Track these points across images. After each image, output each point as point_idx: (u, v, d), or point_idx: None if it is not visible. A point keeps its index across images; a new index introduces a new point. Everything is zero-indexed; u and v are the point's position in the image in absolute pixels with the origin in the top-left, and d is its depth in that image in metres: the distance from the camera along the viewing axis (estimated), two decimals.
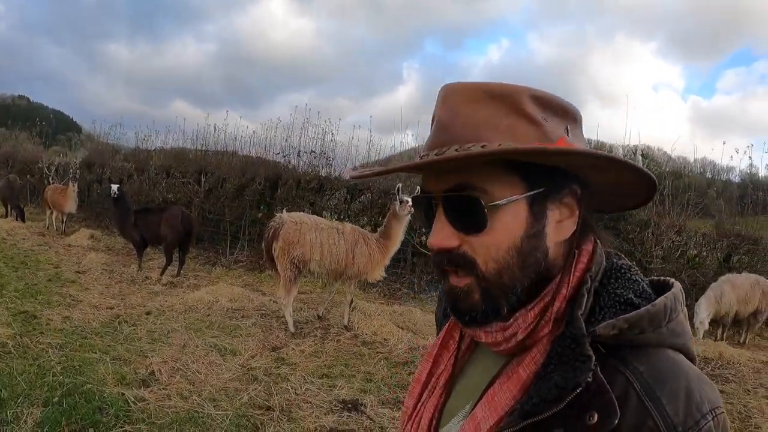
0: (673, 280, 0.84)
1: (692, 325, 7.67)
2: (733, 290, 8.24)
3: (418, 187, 1.13)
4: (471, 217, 0.79)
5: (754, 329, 8.94)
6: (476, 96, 0.79)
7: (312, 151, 12.62)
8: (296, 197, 11.65)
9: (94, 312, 7.04)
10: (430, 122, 0.85)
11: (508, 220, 0.78)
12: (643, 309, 0.75)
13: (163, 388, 4.81)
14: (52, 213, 14.00)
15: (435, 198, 0.82)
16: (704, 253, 10.30)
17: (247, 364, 5.65)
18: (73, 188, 13.18)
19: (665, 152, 16.55)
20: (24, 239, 12.17)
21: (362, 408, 4.81)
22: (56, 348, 5.54)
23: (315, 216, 7.73)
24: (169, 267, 9.77)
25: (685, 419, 0.69)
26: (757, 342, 9.13)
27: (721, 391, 5.81)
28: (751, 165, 13.79)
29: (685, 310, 0.81)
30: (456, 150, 0.75)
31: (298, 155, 12.52)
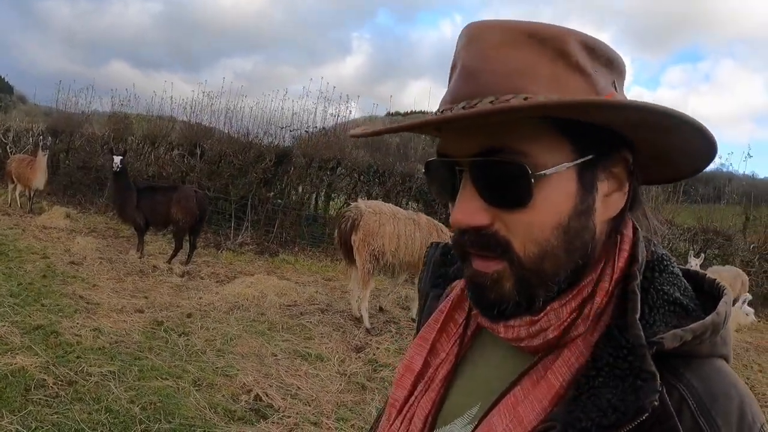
0: (704, 273, 0.74)
1: None
2: (721, 281, 9.42)
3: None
4: (511, 189, 0.64)
5: None
6: (513, 37, 0.65)
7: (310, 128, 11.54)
8: (309, 176, 10.62)
9: (123, 318, 5.82)
10: (450, 71, 0.70)
11: (555, 192, 0.65)
12: (708, 320, 0.64)
13: (283, 417, 4.05)
14: (15, 187, 12.13)
15: (460, 164, 0.67)
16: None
17: (344, 371, 5.15)
18: (43, 159, 11.38)
19: None
20: None
21: None
22: (113, 378, 4.39)
23: (391, 205, 7.14)
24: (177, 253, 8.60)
25: None
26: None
27: None
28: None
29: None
30: (491, 102, 0.62)
31: (307, 131, 11.37)
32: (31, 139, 14.24)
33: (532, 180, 0.63)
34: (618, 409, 0.60)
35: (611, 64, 0.69)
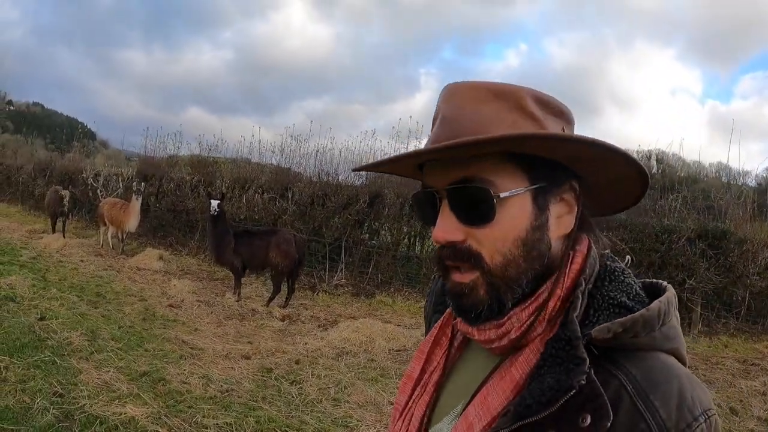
0: (665, 283, 0.84)
1: None
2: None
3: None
4: (478, 209, 0.79)
5: None
6: (481, 94, 0.81)
7: None
8: (403, 216, 10.39)
9: (231, 365, 5.50)
10: (432, 122, 0.86)
11: (514, 211, 0.79)
12: (637, 313, 0.74)
13: None
14: (107, 230, 12.21)
15: (439, 192, 0.83)
16: None
17: None
18: (136, 203, 11.43)
19: (680, 157, 16.98)
20: (82, 261, 10.38)
21: None
22: (229, 431, 4.02)
23: None
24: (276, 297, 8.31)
25: (678, 422, 0.69)
26: None
27: None
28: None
29: (678, 314, 0.81)
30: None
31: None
32: (120, 183, 14.43)
33: (494, 201, 0.78)
34: (553, 388, 0.71)
35: (561, 114, 0.84)
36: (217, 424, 4.10)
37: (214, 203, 8.23)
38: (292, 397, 4.85)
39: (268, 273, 8.73)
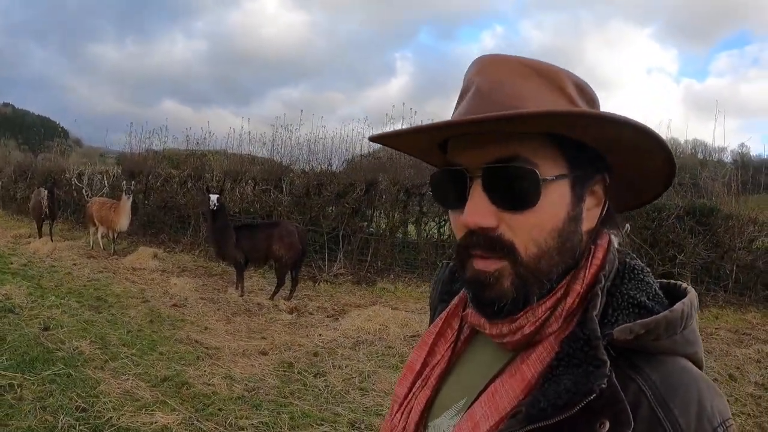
0: (685, 284, 0.81)
1: None
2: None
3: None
4: (521, 192, 0.73)
5: None
6: (522, 70, 0.76)
7: None
8: (395, 201, 10.38)
9: (250, 362, 5.46)
10: (459, 96, 0.80)
11: (555, 198, 0.74)
12: (661, 315, 0.71)
13: None
14: (97, 230, 11.99)
15: (471, 172, 0.76)
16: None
17: None
18: (127, 202, 11.19)
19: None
20: (75, 264, 10.15)
21: None
22: (266, 430, 4.02)
23: None
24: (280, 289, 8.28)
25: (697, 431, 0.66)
26: None
27: None
28: (742, 145, 15.19)
29: (697, 317, 0.77)
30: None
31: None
32: (106, 182, 14.16)
33: (541, 183, 0.72)
34: (571, 390, 0.67)
35: (593, 103, 0.80)
36: (252, 424, 4.08)
37: (214, 197, 8.08)
38: (319, 390, 4.86)
39: (270, 266, 8.66)
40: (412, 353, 0.94)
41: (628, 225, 7.89)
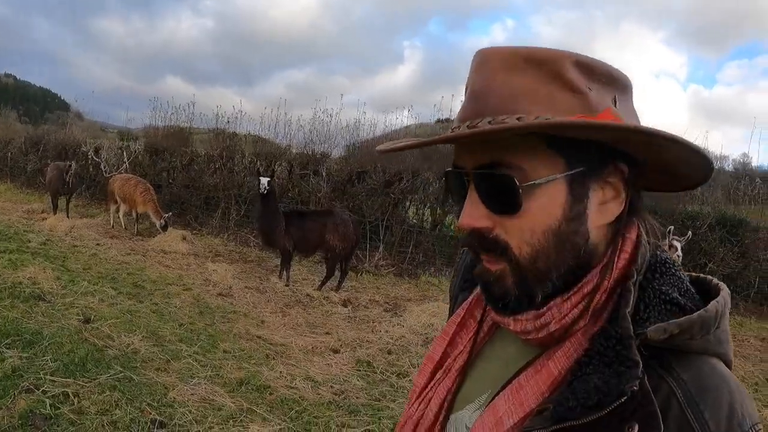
0: (716, 280, 0.78)
1: None
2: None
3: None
4: (504, 198, 0.71)
5: None
6: (513, 62, 0.71)
7: None
8: (439, 194, 10.18)
9: (324, 361, 5.15)
10: (464, 91, 0.78)
11: (545, 201, 0.71)
12: (695, 314, 0.68)
13: None
14: (118, 208, 11.44)
15: (467, 174, 0.75)
16: None
17: None
18: None
19: None
20: (99, 245, 9.53)
21: None
22: None
23: None
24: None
25: None
26: None
27: None
28: (744, 155, 15.65)
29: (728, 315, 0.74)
30: (489, 123, 0.70)
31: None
32: (125, 157, 13.63)
33: (520, 190, 0.69)
34: (602, 391, 0.65)
35: (612, 80, 0.73)
36: None
37: (264, 180, 7.61)
38: (407, 391, 4.51)
39: (320, 256, 8.30)
40: (433, 343, 0.93)
41: (671, 227, 7.70)
